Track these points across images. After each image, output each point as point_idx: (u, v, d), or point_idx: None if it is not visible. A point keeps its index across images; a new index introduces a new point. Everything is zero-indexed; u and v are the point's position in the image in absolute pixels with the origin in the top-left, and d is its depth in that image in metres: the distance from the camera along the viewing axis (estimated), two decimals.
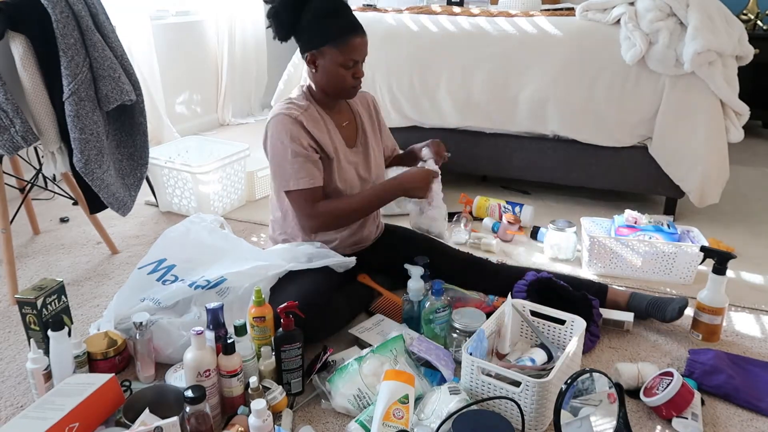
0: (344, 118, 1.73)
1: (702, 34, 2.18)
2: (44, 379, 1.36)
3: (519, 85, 2.51)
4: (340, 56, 1.55)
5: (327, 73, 1.59)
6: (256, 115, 4.41)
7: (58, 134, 1.81)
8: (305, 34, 1.57)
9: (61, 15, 1.69)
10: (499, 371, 1.33)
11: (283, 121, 1.59)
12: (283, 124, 1.59)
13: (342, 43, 1.54)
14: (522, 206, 2.44)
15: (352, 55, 1.56)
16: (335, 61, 1.56)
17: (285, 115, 1.59)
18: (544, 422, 1.32)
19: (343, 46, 1.55)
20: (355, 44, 1.56)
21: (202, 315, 1.50)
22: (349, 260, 1.66)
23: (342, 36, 1.54)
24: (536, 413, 1.29)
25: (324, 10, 1.55)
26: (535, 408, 1.29)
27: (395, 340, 1.47)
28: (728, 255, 1.63)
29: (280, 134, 1.58)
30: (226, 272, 1.58)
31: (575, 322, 1.51)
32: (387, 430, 1.21)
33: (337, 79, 1.59)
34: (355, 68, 1.60)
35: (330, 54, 1.56)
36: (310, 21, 1.55)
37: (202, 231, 1.77)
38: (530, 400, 1.29)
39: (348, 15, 1.58)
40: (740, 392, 1.41)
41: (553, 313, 1.55)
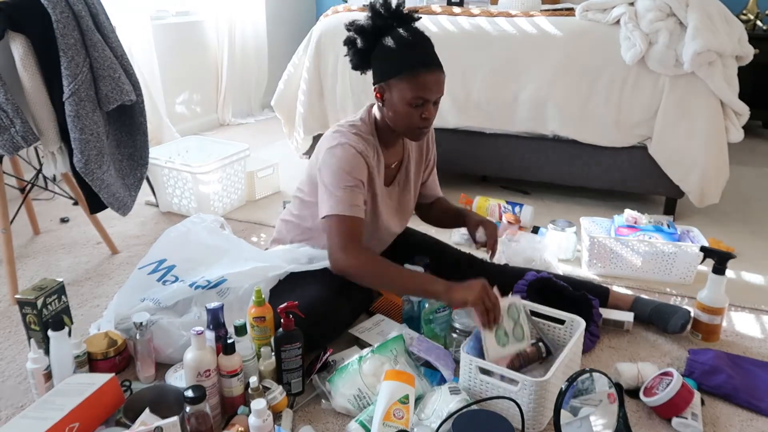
0: (395, 158, 1.65)
1: (702, 34, 2.18)
2: (44, 379, 1.36)
3: (519, 85, 2.51)
4: (409, 92, 1.43)
5: (394, 109, 1.48)
6: (256, 115, 4.42)
7: (58, 134, 1.81)
8: (377, 64, 1.49)
9: (61, 15, 1.69)
10: (497, 370, 1.33)
11: (350, 151, 1.49)
12: (350, 153, 1.49)
13: (412, 76, 1.42)
14: (522, 206, 2.44)
15: (421, 91, 1.43)
16: (403, 96, 1.44)
17: (353, 147, 1.49)
18: (543, 421, 1.32)
19: (412, 80, 1.43)
20: (425, 80, 1.43)
21: (202, 315, 1.50)
22: None
23: (413, 69, 1.42)
24: (534, 412, 1.29)
25: (400, 42, 1.45)
26: (533, 407, 1.29)
27: (395, 340, 1.47)
28: (728, 255, 1.63)
29: (344, 161, 1.48)
30: (226, 272, 1.58)
31: (575, 322, 1.51)
32: (387, 430, 1.21)
33: (403, 117, 1.48)
34: (424, 107, 1.47)
35: (398, 88, 1.45)
36: (384, 50, 1.46)
37: (202, 231, 1.77)
38: (528, 399, 1.29)
39: (426, 49, 1.46)
40: (740, 392, 1.41)
41: (552, 313, 1.55)
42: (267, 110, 4.45)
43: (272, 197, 2.79)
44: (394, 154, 1.64)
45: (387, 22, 1.48)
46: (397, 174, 1.68)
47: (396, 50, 1.45)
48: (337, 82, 2.77)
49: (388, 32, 1.48)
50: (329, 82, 2.79)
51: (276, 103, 3.00)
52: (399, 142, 1.65)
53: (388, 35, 1.47)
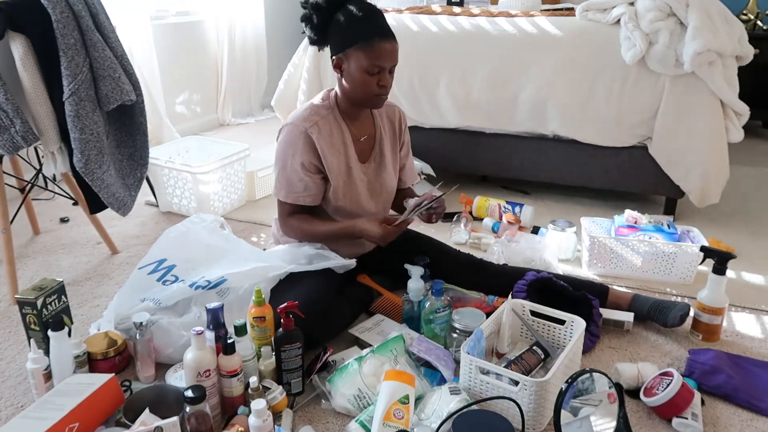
0: (364, 131, 1.69)
1: (702, 34, 2.18)
2: (44, 379, 1.36)
3: (519, 85, 2.51)
4: (366, 60, 1.50)
5: (351, 78, 1.54)
6: (256, 115, 4.41)
7: (58, 134, 1.81)
8: (333, 37, 1.55)
9: (61, 15, 1.69)
10: (497, 371, 1.33)
11: (292, 132, 1.59)
12: (292, 134, 1.59)
13: (368, 45, 1.49)
14: (522, 206, 2.44)
15: (377, 60, 1.50)
16: (360, 65, 1.51)
17: (296, 126, 1.58)
18: (543, 421, 1.32)
19: (368, 49, 1.49)
20: (381, 48, 1.50)
21: (202, 315, 1.50)
22: (350, 262, 1.66)
23: (369, 38, 1.49)
24: (535, 412, 1.29)
25: (355, 13, 1.52)
26: (533, 407, 1.29)
27: (395, 340, 1.47)
28: (728, 255, 1.63)
29: (286, 144, 1.59)
30: (226, 272, 1.58)
31: (575, 322, 1.51)
32: (387, 430, 1.21)
33: (361, 85, 1.54)
34: (380, 75, 1.53)
35: (355, 57, 1.51)
36: (340, 23, 1.52)
37: (203, 231, 1.77)
38: (528, 400, 1.29)
39: (379, 19, 1.53)
40: (740, 392, 1.41)
41: (552, 313, 1.55)
42: (267, 110, 4.45)
43: (272, 197, 2.78)
44: (361, 127, 1.69)
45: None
46: (371, 150, 1.71)
47: (351, 21, 1.52)
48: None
49: (341, 7, 1.54)
50: (329, 81, 2.79)
51: (276, 103, 3.00)
52: (367, 116, 1.70)
53: (342, 9, 1.53)
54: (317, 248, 1.67)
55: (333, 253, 1.67)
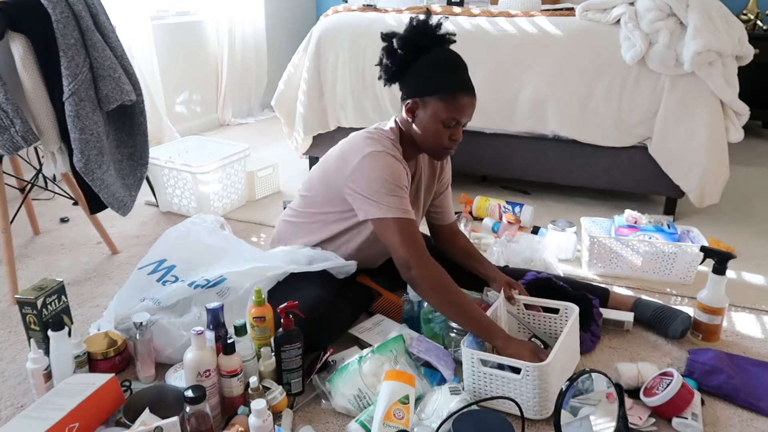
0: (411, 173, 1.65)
1: (702, 34, 2.18)
2: (44, 379, 1.36)
3: (519, 85, 2.51)
4: (444, 112, 1.46)
5: (424, 126, 1.50)
6: (256, 115, 4.42)
7: (58, 134, 1.81)
8: (414, 79, 1.49)
9: (61, 15, 1.69)
10: (499, 360, 1.34)
11: (390, 160, 1.49)
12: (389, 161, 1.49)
13: (450, 98, 1.45)
14: (522, 206, 2.44)
15: (456, 113, 1.47)
16: (437, 115, 1.47)
17: (391, 156, 1.49)
18: (548, 407, 1.32)
19: (450, 101, 1.46)
20: (462, 102, 1.46)
21: (202, 315, 1.50)
22: (350, 264, 1.65)
23: (452, 90, 1.46)
24: (539, 398, 1.31)
25: (442, 61, 1.48)
26: (537, 393, 1.30)
27: (395, 340, 1.47)
28: (728, 255, 1.63)
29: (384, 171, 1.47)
30: (226, 272, 1.58)
31: (569, 309, 1.53)
32: (387, 430, 1.21)
33: (433, 136, 1.50)
34: (455, 129, 1.50)
35: (433, 106, 1.47)
36: (425, 67, 1.48)
37: (203, 231, 1.77)
38: (532, 386, 1.30)
39: (464, 72, 1.49)
40: (740, 392, 1.41)
41: (545, 303, 1.57)
42: (267, 110, 4.45)
43: (272, 197, 2.79)
44: (410, 168, 1.64)
45: (427, 40, 1.50)
46: (410, 188, 1.67)
47: (439, 69, 1.47)
48: (337, 82, 2.77)
49: (427, 51, 1.49)
50: (329, 82, 2.79)
51: (276, 103, 3.00)
52: (415, 158, 1.65)
53: (429, 53, 1.49)
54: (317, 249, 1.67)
55: (333, 254, 1.66)
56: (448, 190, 1.82)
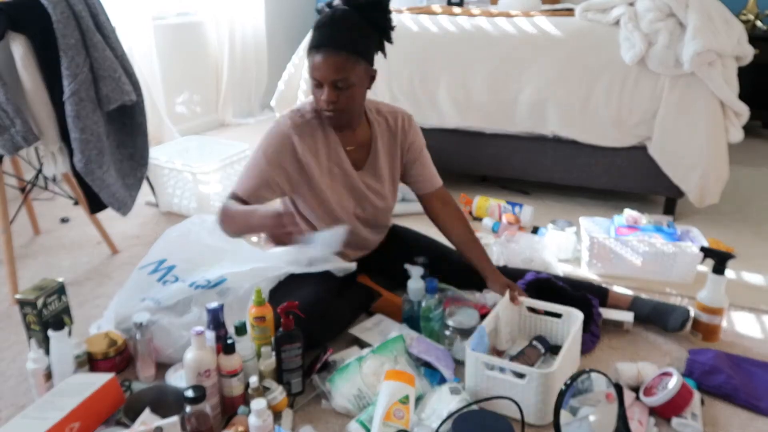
0: (354, 141, 1.61)
1: (702, 35, 2.18)
2: (44, 379, 1.37)
3: (519, 85, 2.51)
4: (309, 71, 1.44)
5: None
6: (256, 115, 4.41)
7: (58, 134, 1.81)
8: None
9: (61, 15, 1.69)
10: (503, 365, 1.34)
11: (272, 132, 1.55)
12: (272, 134, 1.55)
13: (309, 55, 1.43)
14: (522, 206, 2.44)
15: (313, 71, 1.42)
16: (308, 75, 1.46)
17: (279, 126, 1.54)
18: (550, 413, 1.31)
19: (309, 59, 1.43)
20: (314, 61, 1.41)
21: (202, 315, 1.50)
22: (350, 265, 1.65)
23: (309, 48, 1.43)
24: (542, 404, 1.31)
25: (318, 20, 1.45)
26: (540, 399, 1.30)
27: (395, 340, 1.47)
28: (728, 255, 1.63)
29: (264, 140, 1.55)
30: (226, 272, 1.58)
31: (572, 315, 1.52)
32: (387, 429, 1.22)
33: (314, 98, 1.49)
34: (322, 90, 1.44)
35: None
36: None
37: (203, 231, 1.77)
38: (535, 392, 1.30)
39: (325, 28, 1.42)
40: (740, 392, 1.41)
41: (549, 307, 1.56)
42: (267, 110, 4.45)
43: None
44: (352, 136, 1.61)
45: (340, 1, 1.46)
46: (366, 156, 1.64)
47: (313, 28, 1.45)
48: None
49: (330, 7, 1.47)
50: None
51: (276, 103, 3.00)
52: (361, 126, 1.62)
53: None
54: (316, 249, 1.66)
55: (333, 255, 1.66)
56: (423, 156, 1.74)
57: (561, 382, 1.28)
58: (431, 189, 1.76)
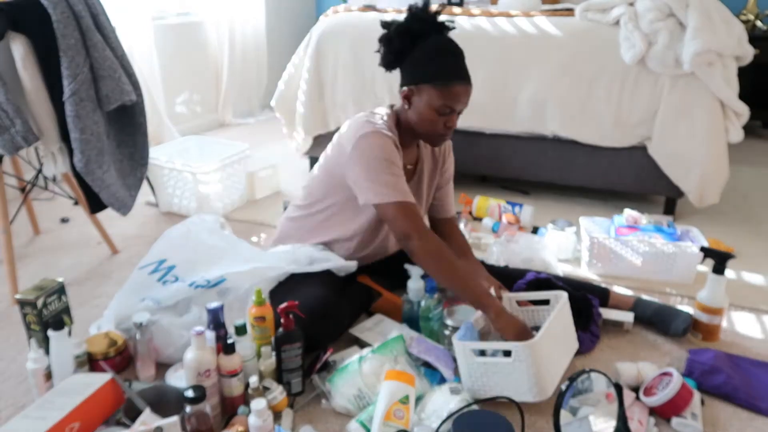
0: (410, 160, 1.67)
1: (701, 35, 2.18)
2: (44, 379, 1.36)
3: (519, 85, 2.51)
4: (439, 99, 1.48)
5: (419, 113, 1.52)
6: (256, 115, 4.41)
7: (58, 134, 1.81)
8: (410, 67, 1.51)
9: (61, 15, 1.69)
10: (488, 347, 1.36)
11: (382, 139, 1.50)
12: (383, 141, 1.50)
13: (444, 85, 1.47)
14: (522, 206, 2.44)
15: (450, 100, 1.48)
16: (432, 103, 1.48)
17: (384, 135, 1.51)
18: (546, 387, 1.32)
19: (445, 89, 1.47)
20: (456, 90, 1.48)
21: (203, 315, 1.50)
22: (350, 264, 1.65)
23: (446, 78, 1.47)
24: (535, 378, 1.30)
25: (437, 49, 1.49)
26: (534, 373, 1.30)
27: (395, 340, 1.47)
28: (728, 255, 1.63)
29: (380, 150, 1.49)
30: (226, 272, 1.58)
31: (557, 296, 1.53)
32: (388, 429, 1.22)
33: (429, 123, 1.52)
34: (450, 117, 1.52)
35: (428, 94, 1.49)
36: (420, 54, 1.49)
37: (203, 231, 1.77)
38: (524, 367, 1.30)
39: (460, 60, 1.50)
40: (740, 392, 1.42)
41: (535, 296, 1.59)
42: (267, 110, 4.45)
43: (272, 197, 2.79)
44: (409, 155, 1.66)
45: (425, 27, 1.50)
46: (412, 176, 1.69)
47: (434, 57, 1.48)
48: (338, 82, 2.77)
49: (424, 37, 1.50)
50: (329, 82, 2.79)
51: (276, 103, 3.00)
52: (414, 145, 1.67)
53: (426, 41, 1.49)
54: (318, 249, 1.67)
55: (334, 255, 1.66)
56: (450, 185, 1.84)
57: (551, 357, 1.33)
58: (445, 215, 1.85)
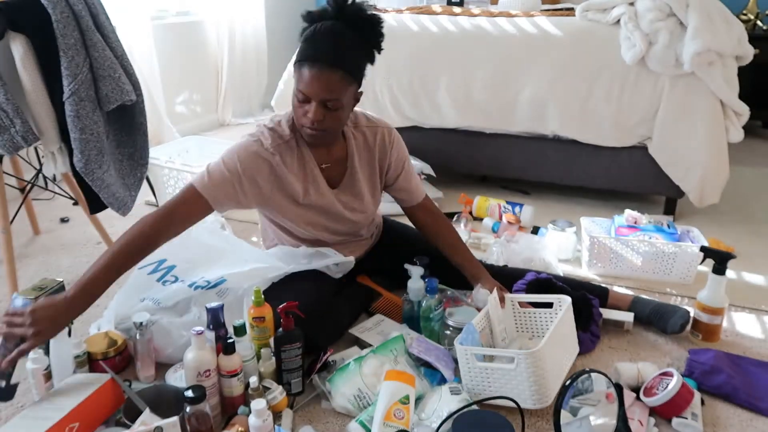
0: (329, 158, 1.54)
1: (702, 35, 2.18)
2: (44, 379, 1.36)
3: (519, 85, 2.51)
4: (295, 83, 1.35)
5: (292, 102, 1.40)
6: (256, 115, 4.41)
7: (58, 134, 1.81)
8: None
9: (61, 15, 1.69)
10: (490, 352, 1.36)
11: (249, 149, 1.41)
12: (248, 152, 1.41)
13: (298, 68, 1.34)
14: (522, 206, 2.44)
15: (301, 84, 1.34)
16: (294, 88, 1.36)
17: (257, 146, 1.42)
18: (547, 395, 1.32)
19: (297, 72, 1.35)
20: (305, 74, 1.32)
21: (202, 315, 1.50)
22: (348, 260, 1.65)
23: (299, 60, 1.34)
24: (536, 385, 1.30)
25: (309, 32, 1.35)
26: (533, 381, 1.30)
27: (395, 340, 1.47)
28: (728, 255, 1.63)
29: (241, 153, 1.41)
30: (226, 273, 1.57)
31: (561, 300, 1.53)
32: (388, 430, 1.21)
33: (294, 111, 1.40)
34: (308, 106, 1.35)
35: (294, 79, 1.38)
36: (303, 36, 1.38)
37: (203, 232, 1.77)
38: (526, 374, 1.30)
39: (323, 44, 1.33)
40: (740, 392, 1.41)
41: (536, 298, 1.58)
42: (267, 110, 4.45)
43: None
44: (326, 154, 1.53)
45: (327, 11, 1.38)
46: (343, 176, 1.58)
47: (302, 39, 1.36)
48: None
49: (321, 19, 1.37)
50: None
51: (276, 103, 3.00)
52: (337, 142, 1.54)
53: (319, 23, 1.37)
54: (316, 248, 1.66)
55: (332, 251, 1.64)
56: (406, 169, 1.68)
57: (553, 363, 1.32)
58: (416, 201, 1.73)
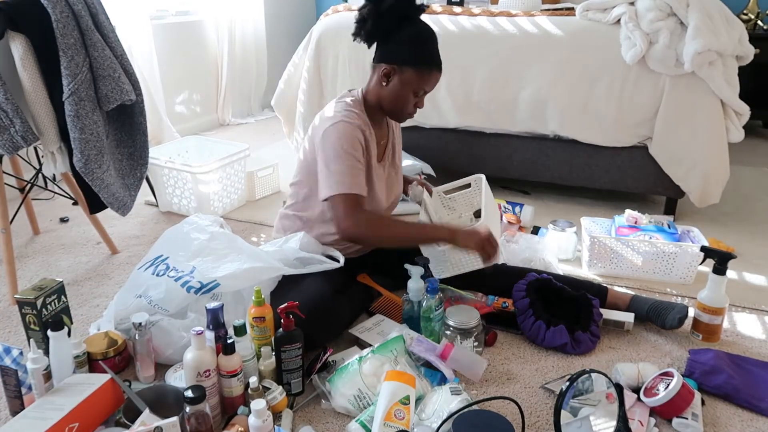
0: (382, 135, 1.75)
1: (702, 34, 2.18)
2: (44, 379, 1.36)
3: (519, 85, 2.51)
4: (417, 83, 1.58)
5: (395, 92, 1.60)
6: (256, 115, 4.42)
7: (58, 134, 1.81)
8: (396, 46, 1.57)
9: (61, 15, 1.69)
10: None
11: (345, 129, 1.57)
12: (345, 131, 1.57)
13: (426, 71, 1.58)
14: (522, 206, 2.43)
15: (427, 84, 1.60)
16: (410, 84, 1.58)
17: (347, 123, 1.57)
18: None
19: (426, 74, 1.58)
20: (434, 77, 1.60)
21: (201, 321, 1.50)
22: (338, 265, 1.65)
23: (429, 64, 1.58)
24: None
25: (425, 34, 1.58)
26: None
27: (395, 340, 1.47)
28: (728, 255, 1.63)
29: (340, 141, 1.55)
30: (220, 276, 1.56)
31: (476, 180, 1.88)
32: (388, 430, 1.21)
33: (403, 101, 1.62)
34: (420, 99, 1.64)
35: (408, 76, 1.58)
36: (408, 37, 1.56)
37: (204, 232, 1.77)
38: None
39: (437, 48, 1.61)
40: (740, 392, 1.41)
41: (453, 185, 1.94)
42: (267, 110, 4.45)
43: (272, 197, 2.79)
44: (381, 131, 1.74)
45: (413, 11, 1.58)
46: (385, 150, 1.76)
47: (422, 42, 1.58)
48: (337, 82, 2.77)
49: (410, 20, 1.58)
50: (329, 81, 2.79)
51: (276, 103, 3.00)
52: (383, 122, 1.75)
53: (415, 24, 1.58)
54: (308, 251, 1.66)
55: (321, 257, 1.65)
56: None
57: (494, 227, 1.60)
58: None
